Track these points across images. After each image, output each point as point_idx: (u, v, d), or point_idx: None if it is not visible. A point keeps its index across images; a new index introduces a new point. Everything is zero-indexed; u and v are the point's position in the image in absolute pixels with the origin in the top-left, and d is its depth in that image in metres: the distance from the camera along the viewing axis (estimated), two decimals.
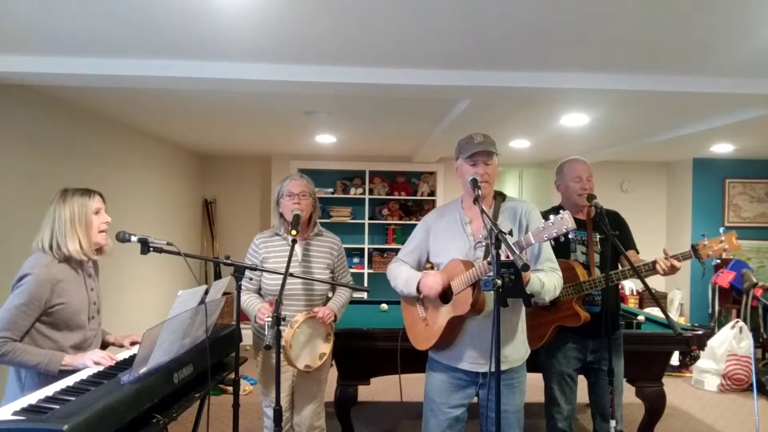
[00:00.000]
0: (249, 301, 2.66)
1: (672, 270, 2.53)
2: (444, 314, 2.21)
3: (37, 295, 2.01)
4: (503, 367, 2.18)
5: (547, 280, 2.13)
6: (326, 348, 2.65)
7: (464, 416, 2.31)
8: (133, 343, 2.37)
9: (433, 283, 2.21)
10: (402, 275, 2.38)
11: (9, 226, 3.20)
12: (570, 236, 2.74)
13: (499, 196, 2.32)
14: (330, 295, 2.85)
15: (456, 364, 2.25)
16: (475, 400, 2.32)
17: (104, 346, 2.39)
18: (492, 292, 2.10)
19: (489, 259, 2.05)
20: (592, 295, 2.70)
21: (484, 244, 2.22)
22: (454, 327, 2.21)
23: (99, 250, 2.25)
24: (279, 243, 2.76)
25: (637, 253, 2.84)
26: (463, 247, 2.25)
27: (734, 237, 2.50)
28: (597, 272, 2.70)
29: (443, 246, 2.32)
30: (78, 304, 2.14)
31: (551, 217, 1.84)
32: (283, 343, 2.41)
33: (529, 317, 2.63)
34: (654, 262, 2.54)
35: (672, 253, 2.56)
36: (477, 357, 2.22)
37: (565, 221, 1.80)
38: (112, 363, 2.09)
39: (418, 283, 2.27)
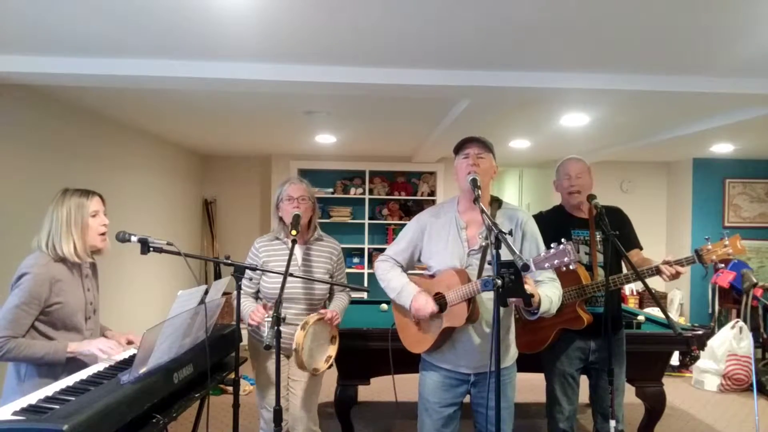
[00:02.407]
0: (244, 305, 2.64)
1: (677, 276, 2.53)
2: (438, 323, 2.21)
3: (37, 293, 2.02)
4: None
5: (552, 294, 2.12)
6: (332, 350, 2.64)
7: (457, 414, 2.32)
8: (129, 342, 2.37)
9: (424, 307, 2.19)
10: (394, 284, 2.34)
11: (9, 226, 3.20)
12: (572, 237, 2.74)
13: (496, 202, 2.31)
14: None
15: (449, 367, 2.27)
16: (467, 398, 2.33)
17: None
18: (486, 301, 2.13)
19: (489, 259, 2.05)
20: (595, 296, 2.70)
21: (479, 252, 2.21)
22: (448, 335, 2.21)
23: (96, 252, 2.25)
24: (279, 247, 2.75)
25: (641, 249, 2.82)
26: (457, 253, 2.23)
27: (738, 240, 2.45)
28: (600, 272, 2.69)
29: (437, 249, 2.29)
30: (74, 305, 2.15)
31: (553, 245, 1.84)
32: (294, 346, 2.41)
33: (532, 321, 2.63)
34: (657, 268, 2.53)
35: (673, 259, 2.55)
36: (469, 361, 2.23)
37: (566, 253, 1.79)
38: (120, 350, 2.10)
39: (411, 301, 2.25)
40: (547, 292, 2.11)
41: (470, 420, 2.37)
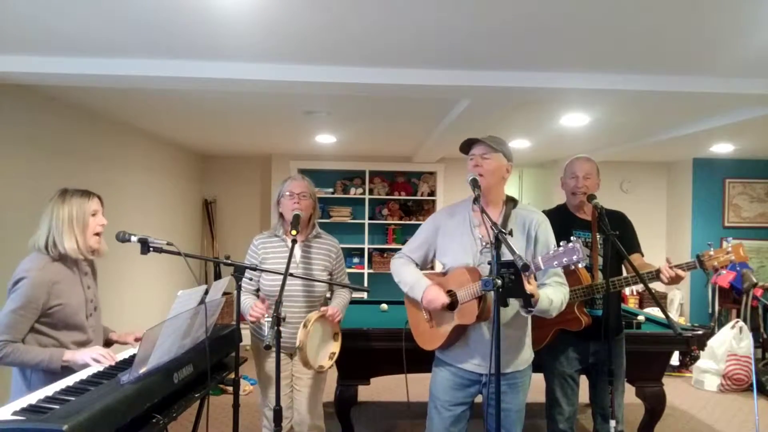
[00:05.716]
0: (245, 301, 2.65)
1: (677, 279, 2.50)
2: (449, 321, 2.23)
3: (34, 298, 2.02)
4: (509, 370, 2.22)
5: (555, 296, 2.11)
6: (336, 347, 2.65)
7: (466, 414, 2.33)
8: (137, 340, 2.36)
9: (436, 299, 2.21)
10: (407, 278, 2.36)
11: (8, 227, 3.20)
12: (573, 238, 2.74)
13: (511, 202, 2.31)
14: (328, 295, 2.85)
15: (461, 365, 2.27)
16: (479, 398, 2.34)
17: (108, 344, 2.39)
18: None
19: (489, 259, 2.05)
20: (594, 299, 2.69)
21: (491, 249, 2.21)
22: (460, 332, 2.23)
23: (94, 251, 2.26)
24: (277, 244, 2.76)
25: (642, 256, 2.81)
26: (470, 250, 2.25)
27: (741, 248, 2.42)
28: (600, 275, 2.68)
29: (450, 246, 2.31)
30: (75, 304, 2.15)
31: (562, 243, 1.84)
32: (298, 344, 2.42)
33: (530, 319, 2.63)
34: (658, 271, 2.52)
35: (675, 261, 2.53)
36: (481, 359, 2.23)
37: (575, 251, 1.80)
38: (112, 362, 2.09)
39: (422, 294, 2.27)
40: (549, 292, 2.10)
41: (479, 419, 2.36)
